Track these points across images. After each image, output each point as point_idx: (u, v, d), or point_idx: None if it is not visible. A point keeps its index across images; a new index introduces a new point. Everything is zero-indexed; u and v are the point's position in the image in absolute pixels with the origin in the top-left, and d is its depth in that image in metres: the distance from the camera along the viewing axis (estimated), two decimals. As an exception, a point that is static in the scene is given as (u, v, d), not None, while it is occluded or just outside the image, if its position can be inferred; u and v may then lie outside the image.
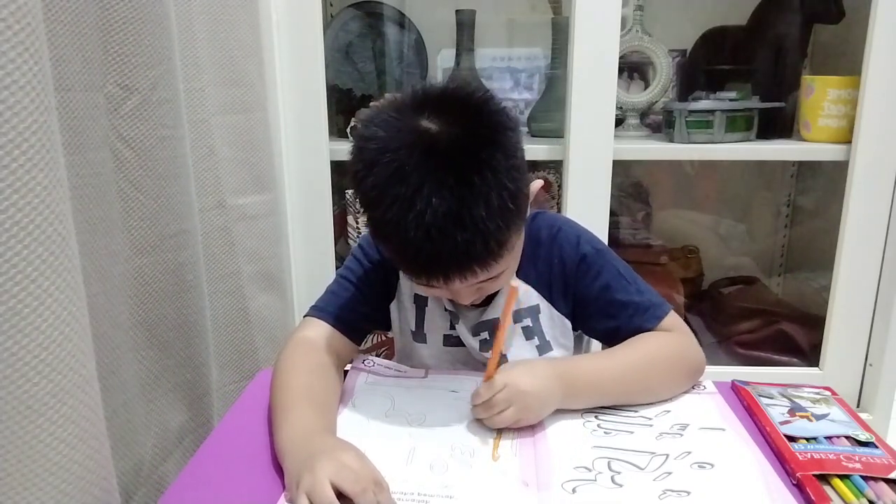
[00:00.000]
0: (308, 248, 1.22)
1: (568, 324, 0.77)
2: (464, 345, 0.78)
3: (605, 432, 0.63)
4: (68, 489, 0.47)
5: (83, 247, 0.65)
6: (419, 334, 0.80)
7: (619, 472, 0.57)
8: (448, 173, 0.58)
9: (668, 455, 0.59)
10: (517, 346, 0.76)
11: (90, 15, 0.66)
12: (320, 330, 0.75)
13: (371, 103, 1.28)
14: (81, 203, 0.66)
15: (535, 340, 0.76)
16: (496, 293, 0.75)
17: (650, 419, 0.66)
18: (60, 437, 0.46)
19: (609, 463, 0.58)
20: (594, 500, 0.53)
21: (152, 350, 0.79)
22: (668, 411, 0.67)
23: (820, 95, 1.19)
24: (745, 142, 1.24)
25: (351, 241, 1.27)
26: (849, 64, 1.21)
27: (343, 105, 1.37)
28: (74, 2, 0.63)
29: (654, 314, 0.73)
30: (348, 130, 1.27)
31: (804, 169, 1.53)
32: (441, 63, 1.50)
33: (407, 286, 0.79)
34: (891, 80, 1.10)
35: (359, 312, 0.78)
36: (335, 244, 1.26)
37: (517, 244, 0.69)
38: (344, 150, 1.23)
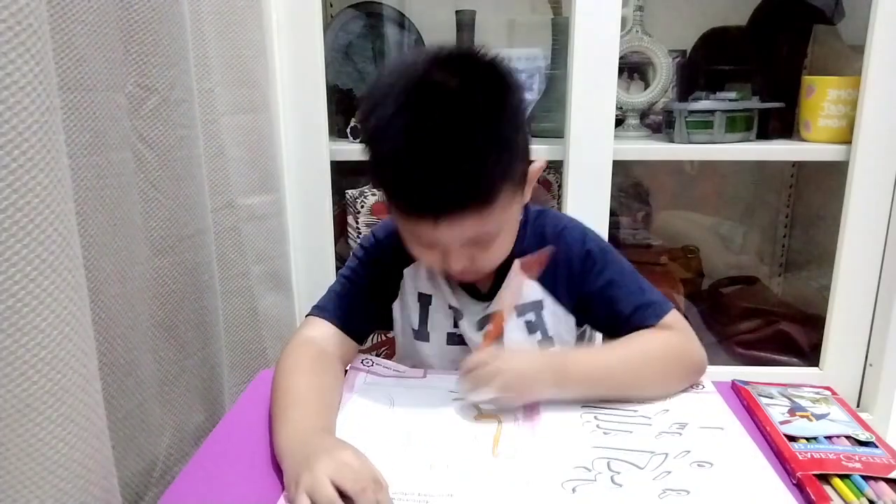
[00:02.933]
0: (308, 248, 1.22)
1: (572, 320, 0.77)
2: (466, 344, 0.78)
3: (605, 432, 0.63)
4: (68, 488, 0.47)
5: (104, 248, 0.66)
6: (422, 333, 0.80)
7: (618, 472, 0.57)
8: (450, 109, 0.61)
9: (667, 454, 0.59)
10: (519, 341, 0.76)
11: (112, 15, 0.66)
12: (322, 330, 0.75)
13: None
14: (103, 204, 0.66)
15: (538, 335, 0.77)
16: (497, 288, 0.75)
17: (649, 418, 0.66)
18: (60, 436, 0.46)
19: (608, 462, 0.58)
20: (594, 500, 0.53)
21: (171, 351, 0.79)
22: (668, 410, 0.67)
23: (820, 96, 1.19)
24: (745, 142, 1.24)
25: (351, 241, 1.27)
26: (849, 64, 1.21)
27: (343, 105, 1.37)
28: (97, 1, 0.63)
29: (655, 312, 0.73)
30: (348, 130, 1.27)
31: (804, 169, 1.53)
32: (441, 63, 1.50)
33: (411, 284, 0.79)
34: (891, 80, 1.10)
35: (360, 312, 0.78)
36: (335, 244, 1.26)
37: (511, 210, 0.69)
38: (344, 150, 1.24)
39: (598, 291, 0.75)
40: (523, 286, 0.76)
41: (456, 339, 0.79)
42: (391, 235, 0.79)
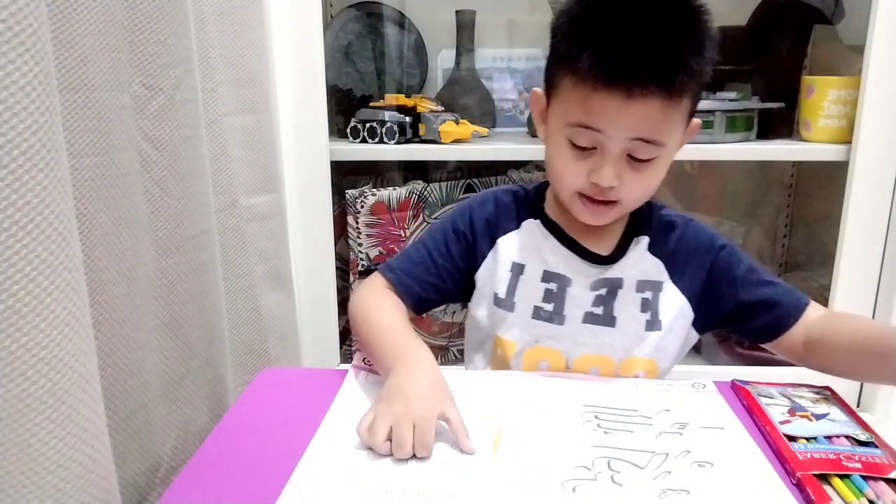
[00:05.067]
0: (308, 248, 1.22)
1: (688, 313, 0.77)
2: (553, 322, 0.77)
3: (605, 431, 0.63)
4: (67, 488, 0.47)
5: (108, 248, 0.66)
6: (507, 302, 0.78)
7: (618, 472, 0.57)
8: (673, 2, 0.67)
9: (667, 454, 0.59)
10: (629, 314, 0.76)
11: (116, 14, 0.66)
12: (387, 287, 0.80)
13: (371, 104, 1.28)
14: (107, 204, 0.66)
15: (648, 315, 0.77)
16: (619, 255, 0.77)
17: (650, 418, 0.66)
18: (59, 436, 0.46)
19: (609, 462, 0.58)
20: (594, 500, 0.53)
21: (176, 351, 0.79)
22: (668, 410, 0.67)
23: (820, 96, 1.19)
24: (745, 142, 1.24)
25: (351, 241, 1.27)
26: (849, 64, 1.21)
27: (343, 105, 1.37)
28: (101, 1, 0.63)
29: (805, 296, 0.75)
30: (348, 130, 1.27)
31: (804, 169, 1.53)
32: (441, 63, 1.50)
33: (505, 252, 0.79)
34: (891, 80, 1.10)
35: (427, 282, 0.80)
36: (335, 244, 1.26)
37: (674, 137, 0.70)
38: (344, 150, 1.24)
39: (742, 275, 0.76)
40: (648, 262, 0.77)
41: (543, 315, 0.77)
42: (485, 205, 0.81)
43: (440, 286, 0.80)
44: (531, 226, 0.80)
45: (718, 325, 0.80)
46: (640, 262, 0.77)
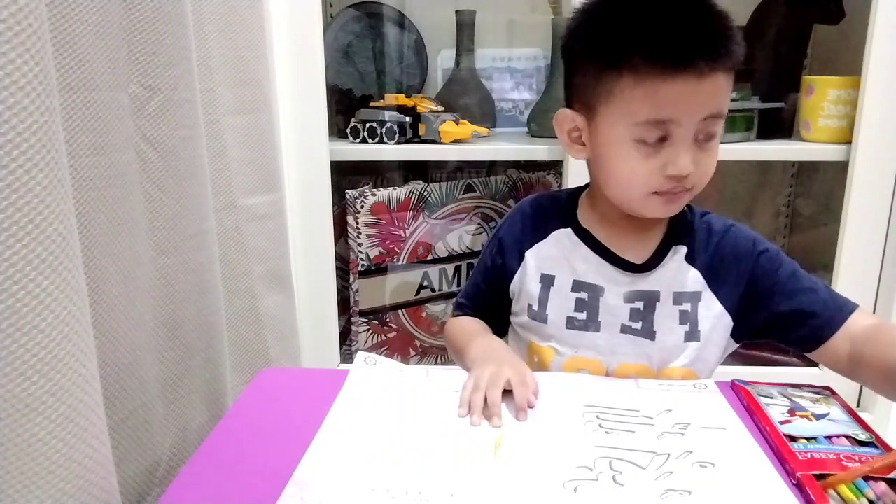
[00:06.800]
0: (308, 248, 1.22)
1: (728, 322, 0.76)
2: (588, 329, 0.77)
3: (607, 432, 0.63)
4: (67, 488, 0.47)
5: (107, 248, 0.66)
6: (540, 314, 0.79)
7: (620, 472, 0.57)
8: None
9: (669, 454, 0.59)
10: (668, 327, 0.75)
11: (115, 14, 0.66)
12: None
13: (371, 104, 1.28)
14: (106, 204, 0.66)
15: (687, 327, 0.75)
16: (654, 263, 0.76)
17: (651, 418, 0.66)
18: (59, 436, 0.46)
19: (610, 462, 0.58)
20: (596, 500, 0.53)
21: (174, 351, 0.79)
22: (670, 410, 0.67)
23: (820, 96, 1.19)
24: (745, 142, 1.24)
25: (351, 241, 1.27)
26: (849, 64, 1.21)
27: (343, 105, 1.37)
28: (99, 1, 0.63)
29: (850, 303, 0.72)
30: (348, 130, 1.27)
31: (804, 169, 1.53)
32: (441, 63, 1.51)
33: (534, 265, 0.80)
34: (891, 80, 1.10)
35: (489, 309, 0.86)
36: (335, 244, 1.26)
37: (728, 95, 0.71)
38: (344, 150, 1.24)
39: (782, 282, 0.74)
40: (685, 273, 0.76)
41: (577, 324, 0.77)
42: (513, 226, 0.83)
43: (502, 305, 0.85)
44: (560, 235, 0.80)
45: (757, 336, 0.77)
46: (678, 273, 0.76)
